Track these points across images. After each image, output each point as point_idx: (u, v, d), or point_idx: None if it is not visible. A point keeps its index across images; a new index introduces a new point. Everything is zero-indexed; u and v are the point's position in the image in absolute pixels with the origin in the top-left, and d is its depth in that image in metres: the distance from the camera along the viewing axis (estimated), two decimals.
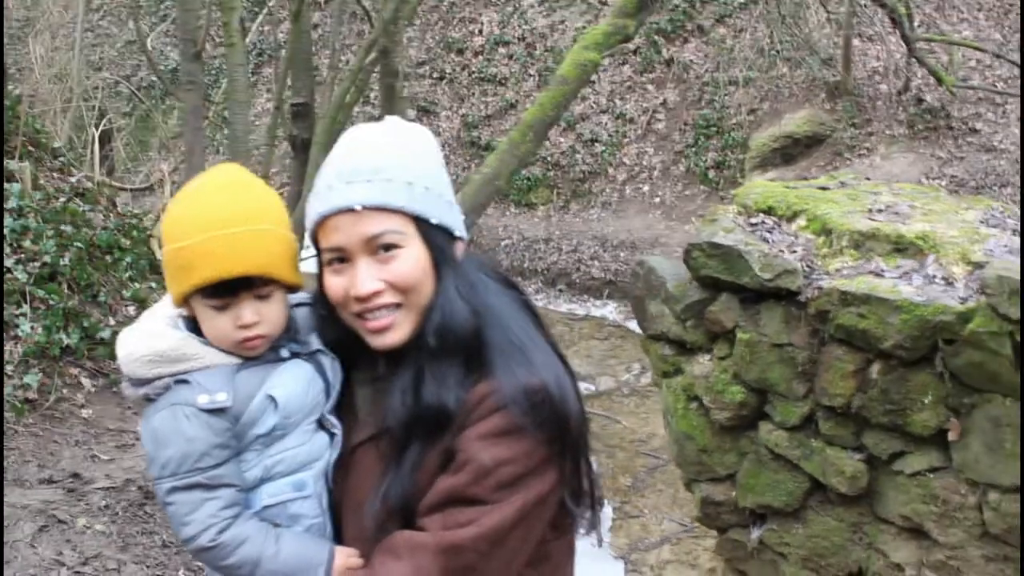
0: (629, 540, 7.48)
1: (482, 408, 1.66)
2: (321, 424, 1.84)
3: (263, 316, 1.77)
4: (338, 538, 1.83)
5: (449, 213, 1.79)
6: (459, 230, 1.81)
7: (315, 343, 1.86)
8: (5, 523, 4.56)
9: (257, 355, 1.80)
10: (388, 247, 1.69)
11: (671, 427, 4.87)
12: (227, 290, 1.73)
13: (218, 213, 1.72)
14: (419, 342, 1.72)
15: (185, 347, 1.76)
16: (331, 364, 1.86)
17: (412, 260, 1.71)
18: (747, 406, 4.43)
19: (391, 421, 1.71)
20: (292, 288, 1.85)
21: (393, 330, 1.72)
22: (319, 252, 1.78)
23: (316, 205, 1.74)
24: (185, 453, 1.70)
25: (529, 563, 1.75)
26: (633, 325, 11.70)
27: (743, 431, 4.56)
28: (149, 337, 1.78)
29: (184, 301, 1.78)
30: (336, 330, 1.83)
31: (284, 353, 1.83)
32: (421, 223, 1.73)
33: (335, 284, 1.73)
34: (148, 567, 4.70)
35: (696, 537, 7.27)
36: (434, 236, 1.75)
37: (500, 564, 1.67)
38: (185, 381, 1.74)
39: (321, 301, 1.82)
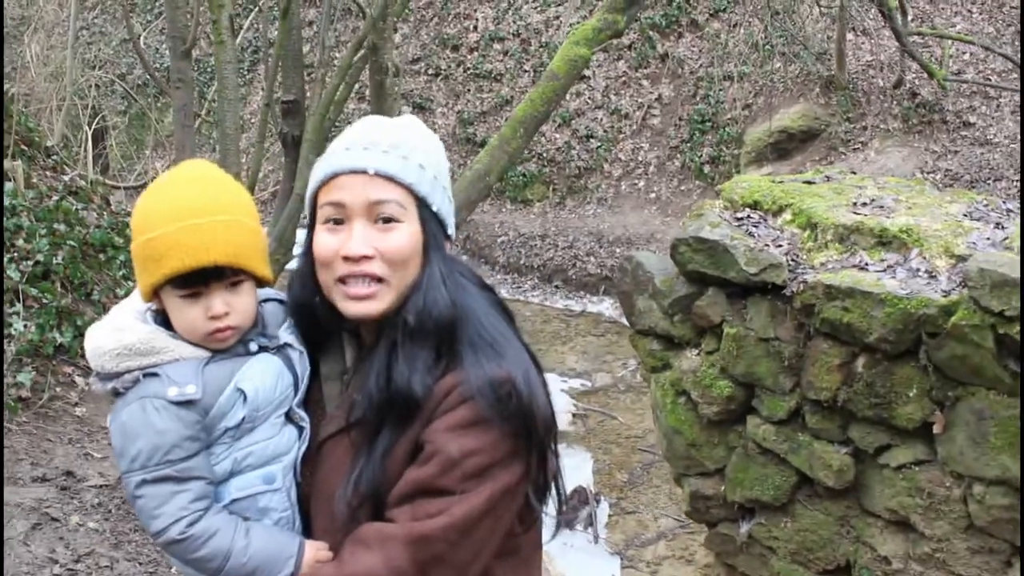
0: (625, 536, 7.50)
1: (449, 399, 1.68)
2: (289, 418, 1.85)
3: (233, 307, 1.77)
4: (307, 531, 1.85)
5: (448, 208, 1.83)
6: (451, 228, 1.84)
7: (284, 337, 1.87)
8: None
9: (226, 347, 1.81)
10: (388, 219, 1.72)
11: (660, 422, 4.90)
12: (198, 280, 1.73)
13: (188, 204, 1.73)
14: (394, 322, 1.74)
15: (154, 340, 1.76)
16: (299, 358, 1.87)
17: (407, 235, 1.74)
18: (735, 400, 4.46)
19: (364, 405, 1.73)
20: (261, 281, 1.85)
21: (372, 301, 1.73)
22: (314, 212, 1.80)
23: (329, 162, 1.77)
24: (155, 445, 1.70)
25: (498, 555, 1.76)
26: None
27: (731, 425, 4.59)
28: (117, 331, 1.78)
29: (154, 294, 1.78)
30: (305, 294, 1.84)
31: (252, 347, 1.84)
32: (423, 205, 1.77)
33: (326, 242, 1.74)
34: (141, 564, 4.71)
35: (692, 533, 7.29)
36: (431, 221, 1.78)
37: (469, 554, 1.68)
38: (154, 374, 1.74)
39: (304, 260, 1.84)
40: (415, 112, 17.11)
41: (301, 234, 1.94)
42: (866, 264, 4.02)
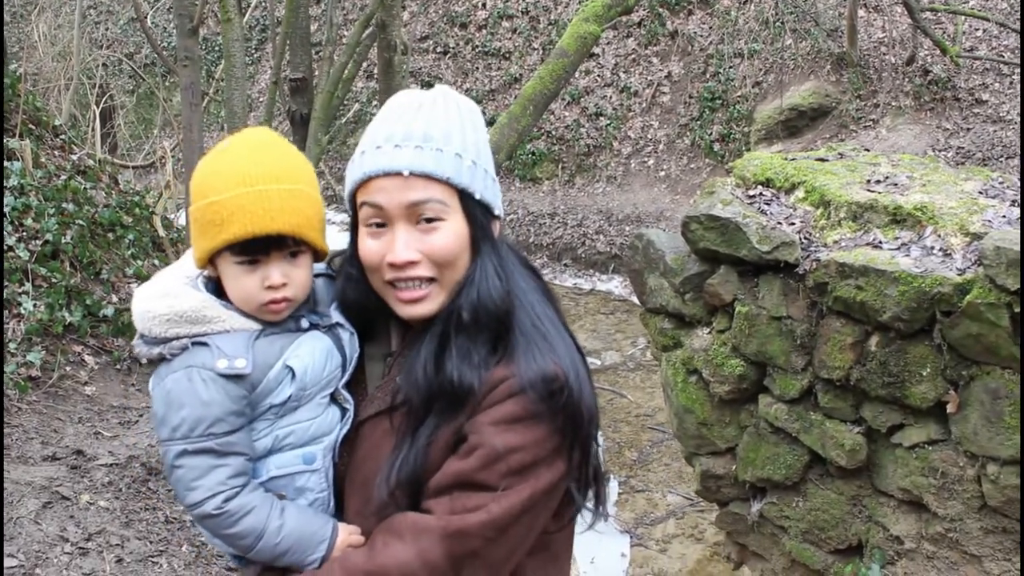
0: (635, 514, 7.49)
1: (497, 392, 1.63)
2: (334, 398, 1.81)
3: (291, 279, 1.72)
4: (339, 513, 1.83)
5: (491, 189, 1.76)
6: (498, 208, 1.78)
7: (335, 316, 1.82)
8: (9, 500, 4.58)
9: (279, 320, 1.76)
10: (430, 219, 1.67)
11: (671, 401, 4.88)
12: (258, 248, 1.69)
13: (254, 169, 1.68)
14: (448, 315, 1.69)
15: (205, 309, 1.72)
16: (349, 339, 1.82)
17: (452, 234, 1.68)
18: (746, 379, 4.43)
19: (410, 392, 1.68)
20: (318, 255, 1.80)
21: (425, 302, 1.69)
22: (355, 212, 1.74)
23: (362, 164, 1.70)
24: (199, 417, 1.66)
25: (529, 552, 1.73)
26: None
27: (742, 404, 4.57)
28: (168, 296, 1.73)
29: (209, 260, 1.74)
30: (358, 294, 1.80)
31: (304, 323, 1.79)
32: (465, 197, 1.70)
33: (371, 248, 1.70)
34: (151, 543, 4.72)
35: (702, 511, 7.28)
36: (475, 211, 1.71)
37: (504, 551, 1.65)
38: (204, 344, 1.69)
39: (351, 262, 1.79)
40: (423, 89, 17.04)
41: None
42: (880, 242, 3.99)
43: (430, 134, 1.68)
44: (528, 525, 1.66)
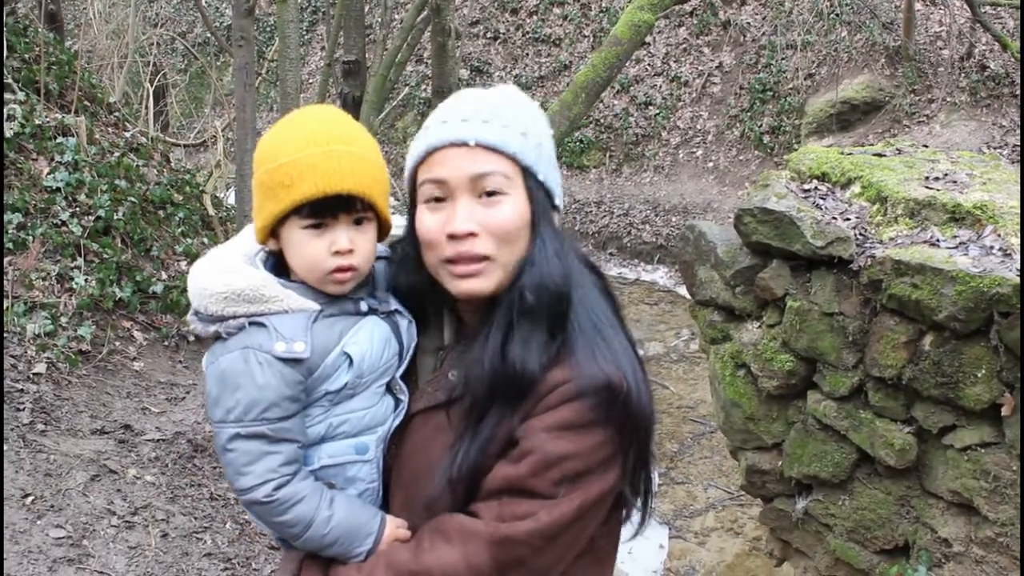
0: (674, 506, 7.46)
1: (553, 397, 1.59)
2: (389, 388, 1.78)
3: (357, 246, 1.69)
4: (384, 505, 1.80)
5: (554, 176, 1.74)
6: (559, 197, 1.75)
7: (393, 303, 1.80)
8: (58, 471, 4.65)
9: (341, 292, 1.73)
10: (492, 192, 1.64)
11: (718, 394, 4.84)
12: (326, 209, 1.66)
13: (324, 131, 1.67)
14: (507, 300, 1.65)
15: (264, 288, 1.68)
16: (407, 327, 1.80)
17: (514, 209, 1.65)
18: (796, 375, 4.39)
19: (474, 383, 1.64)
20: (382, 225, 1.77)
21: (481, 278, 1.65)
22: (415, 190, 1.72)
23: (425, 137, 1.69)
24: (254, 400, 1.63)
25: (575, 556, 1.69)
26: (683, 290, 11.63)
27: (791, 400, 4.52)
28: (225, 273, 1.70)
29: (271, 231, 1.71)
30: (413, 279, 1.77)
31: (363, 306, 1.76)
32: (529, 175, 1.68)
33: (429, 221, 1.67)
34: (196, 519, 4.77)
35: (742, 505, 7.24)
36: (538, 192, 1.69)
37: (551, 560, 1.62)
38: (262, 324, 1.66)
39: (408, 242, 1.77)
40: (473, 75, 17.05)
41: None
42: (938, 240, 3.92)
43: (497, 112, 1.67)
44: (576, 534, 1.63)
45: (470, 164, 1.63)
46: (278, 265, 1.76)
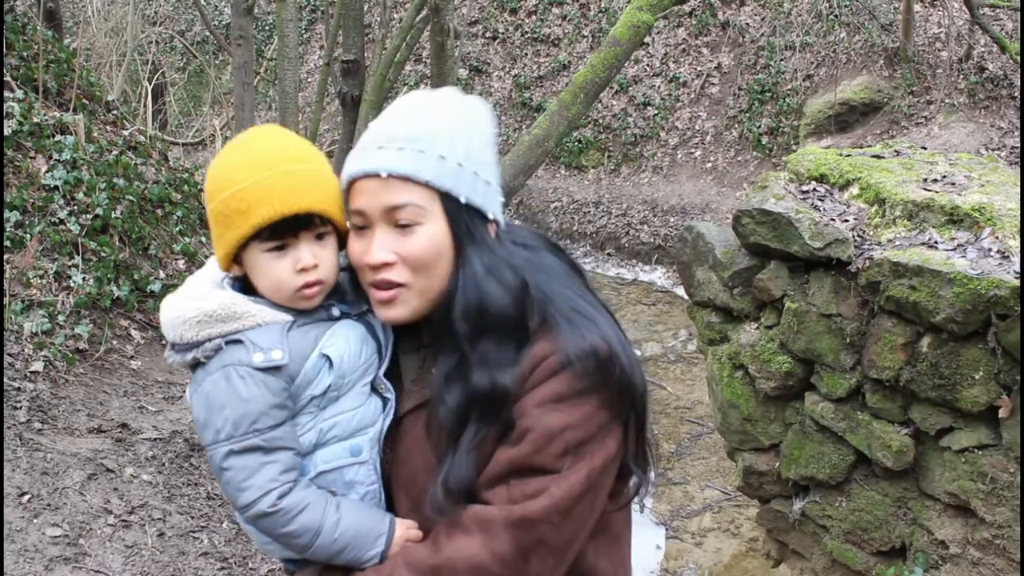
0: (671, 506, 7.45)
1: (540, 371, 1.60)
2: (374, 388, 1.78)
3: (321, 260, 1.70)
4: (390, 511, 1.79)
5: (483, 193, 1.71)
6: (493, 212, 1.73)
7: (364, 304, 1.79)
8: (55, 470, 4.64)
9: (311, 307, 1.74)
10: (407, 224, 1.65)
11: (716, 395, 4.84)
12: (287, 230, 1.67)
13: (269, 155, 1.68)
14: (448, 332, 1.66)
15: (234, 306, 1.69)
16: (381, 325, 1.80)
17: (428, 238, 1.65)
18: (793, 376, 4.39)
19: (442, 413, 1.65)
20: (342, 241, 1.77)
21: (395, 305, 1.68)
22: (348, 215, 1.74)
23: (348, 166, 1.70)
24: (242, 414, 1.64)
25: (591, 535, 1.69)
26: (681, 291, 11.63)
27: (788, 401, 4.53)
28: (196, 299, 1.72)
29: (233, 258, 1.72)
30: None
31: (335, 311, 1.77)
32: (448, 200, 1.66)
33: (355, 248, 1.70)
34: (193, 518, 4.76)
35: (738, 506, 7.23)
36: (459, 215, 1.67)
37: (570, 534, 1.61)
38: (238, 341, 1.67)
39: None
40: (471, 75, 17.05)
41: None
42: (936, 242, 3.92)
43: (415, 135, 1.66)
44: (589, 505, 1.63)
45: (384, 196, 1.64)
46: (245, 287, 1.77)
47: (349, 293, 1.82)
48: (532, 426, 1.58)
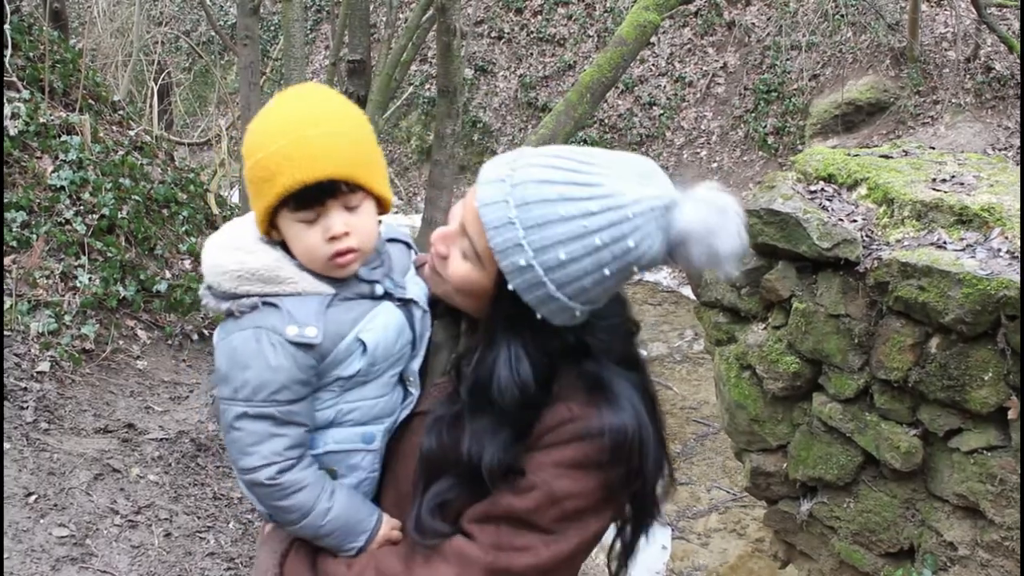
0: (677, 507, 7.44)
1: (567, 430, 1.57)
2: (402, 379, 1.76)
3: (353, 228, 1.64)
4: (376, 493, 1.80)
5: (542, 303, 1.59)
6: (546, 317, 1.61)
7: (411, 291, 1.77)
8: (61, 470, 4.64)
9: (347, 275, 1.69)
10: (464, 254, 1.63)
11: (723, 395, 4.83)
12: (312, 198, 1.60)
13: (292, 120, 1.60)
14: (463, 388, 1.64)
15: (279, 269, 1.65)
16: (422, 317, 1.77)
17: (467, 274, 1.61)
18: (801, 377, 4.38)
19: (423, 448, 1.65)
20: (381, 203, 1.71)
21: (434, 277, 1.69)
22: None
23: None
24: (264, 381, 1.61)
25: None
26: (687, 291, 11.62)
27: (796, 402, 4.51)
28: (239, 251, 1.67)
29: (269, 223, 1.66)
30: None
31: (378, 289, 1.72)
32: (502, 277, 1.59)
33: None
34: (199, 518, 4.76)
35: (744, 506, 7.23)
36: (502, 298, 1.60)
37: None
38: (275, 306, 1.63)
39: None
40: (477, 75, 17.04)
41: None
42: (944, 242, 3.91)
43: (528, 202, 1.52)
44: (570, 567, 1.63)
45: (471, 215, 1.61)
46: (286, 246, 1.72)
47: (398, 271, 1.79)
48: (539, 484, 1.55)
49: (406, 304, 1.75)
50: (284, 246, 1.69)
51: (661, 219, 1.47)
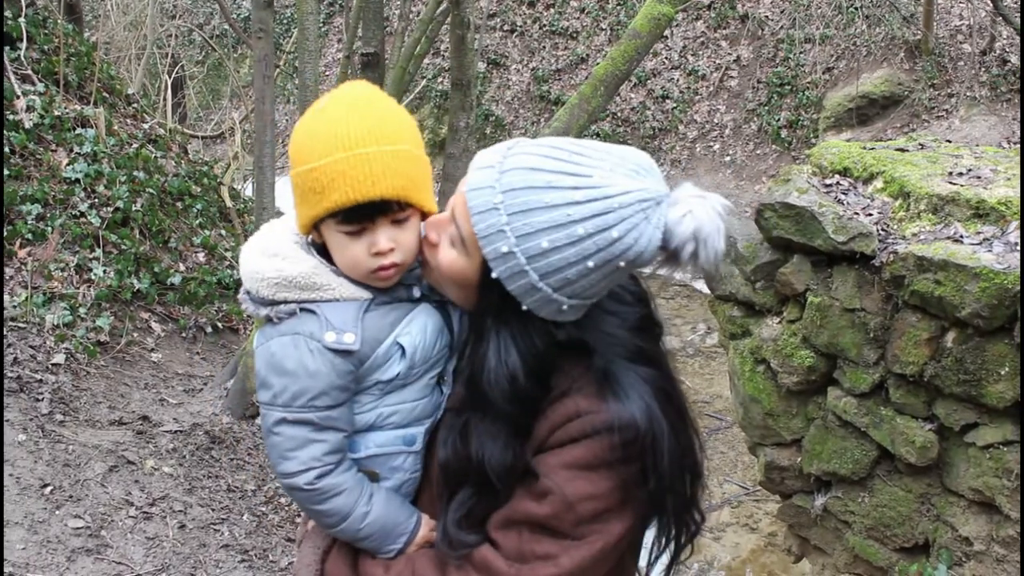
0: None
1: (574, 428, 1.54)
2: (440, 380, 1.75)
3: (399, 243, 1.63)
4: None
5: (526, 294, 1.59)
6: (531, 309, 1.59)
7: None
8: (76, 462, 4.66)
9: (388, 286, 1.69)
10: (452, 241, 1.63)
11: (737, 389, 4.81)
12: (362, 215, 1.59)
13: (351, 131, 1.56)
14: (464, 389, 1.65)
15: (316, 276, 1.65)
16: (459, 319, 1.75)
17: (453, 263, 1.61)
18: (816, 371, 4.36)
19: (440, 457, 1.65)
20: (426, 215, 1.69)
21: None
22: None
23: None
24: (303, 388, 1.61)
25: None
26: (699, 285, 11.60)
27: (811, 396, 4.49)
28: (276, 258, 1.67)
29: (313, 227, 1.65)
30: None
31: (415, 292, 1.72)
32: (486, 265, 1.60)
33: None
34: (213, 510, 4.78)
35: (757, 501, 7.22)
36: (490, 289, 1.59)
37: None
38: (313, 312, 1.63)
39: None
40: (490, 68, 17.03)
41: None
42: (961, 236, 3.88)
43: (514, 187, 1.51)
44: (596, 572, 1.59)
45: (459, 203, 1.61)
46: (323, 250, 1.71)
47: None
48: (553, 489, 1.53)
49: (443, 305, 1.74)
50: (322, 249, 1.69)
51: (651, 214, 1.45)
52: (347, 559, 1.73)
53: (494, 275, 1.49)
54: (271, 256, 1.68)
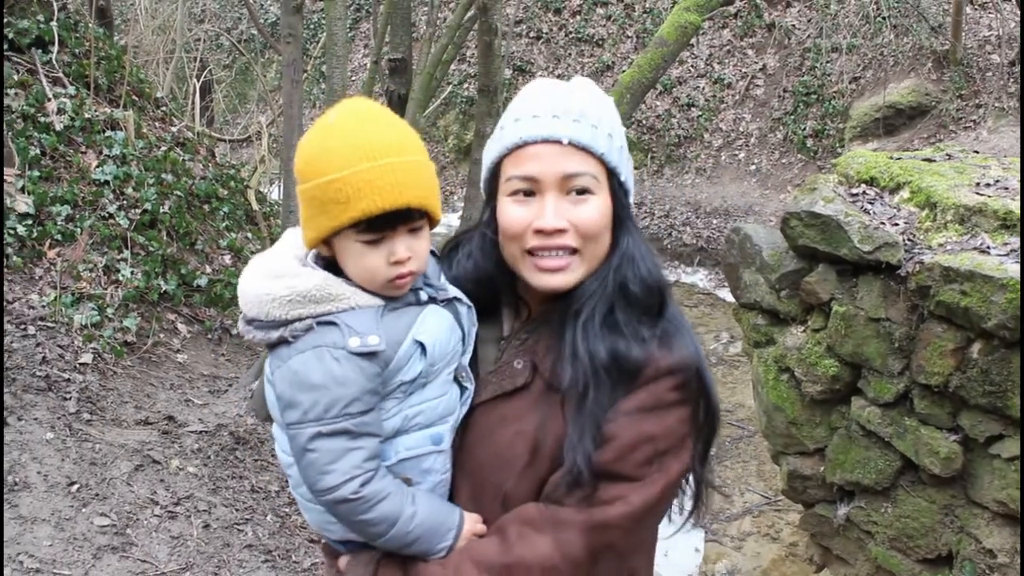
0: (710, 510, 7.42)
1: (640, 376, 1.63)
2: (455, 377, 1.76)
3: (415, 251, 1.67)
4: (450, 495, 1.79)
5: (631, 178, 1.77)
6: (632, 196, 1.78)
7: (452, 290, 1.78)
8: (103, 460, 4.70)
9: (402, 294, 1.71)
10: (582, 191, 1.67)
11: (760, 398, 4.81)
12: (386, 224, 1.62)
13: (373, 143, 1.60)
14: (601, 294, 1.69)
15: (329, 287, 1.65)
16: (467, 313, 1.78)
17: (600, 208, 1.68)
18: (840, 380, 4.35)
19: (575, 373, 1.64)
20: (433, 224, 1.73)
21: (566, 272, 1.68)
22: (496, 180, 1.74)
23: (517, 130, 1.69)
24: (335, 397, 1.60)
25: None
26: (723, 293, 11.57)
27: (834, 405, 4.49)
28: (288, 277, 1.67)
29: (323, 241, 1.67)
30: (480, 269, 1.81)
31: (423, 296, 1.74)
32: (613, 176, 1.71)
33: (516, 214, 1.69)
34: (237, 511, 4.80)
35: (779, 510, 7.18)
36: (620, 191, 1.72)
37: (637, 541, 1.65)
38: (332, 323, 1.64)
39: (484, 232, 1.79)
40: (515, 75, 17.06)
41: None
42: (988, 247, 3.87)
43: (584, 111, 1.68)
44: (658, 514, 1.66)
45: (563, 163, 1.65)
46: (328, 265, 1.73)
47: (432, 277, 1.80)
48: (617, 433, 1.59)
49: (450, 303, 1.77)
50: (326, 264, 1.72)
51: None
52: (398, 572, 1.71)
53: (619, 169, 1.71)
54: (277, 277, 1.69)
